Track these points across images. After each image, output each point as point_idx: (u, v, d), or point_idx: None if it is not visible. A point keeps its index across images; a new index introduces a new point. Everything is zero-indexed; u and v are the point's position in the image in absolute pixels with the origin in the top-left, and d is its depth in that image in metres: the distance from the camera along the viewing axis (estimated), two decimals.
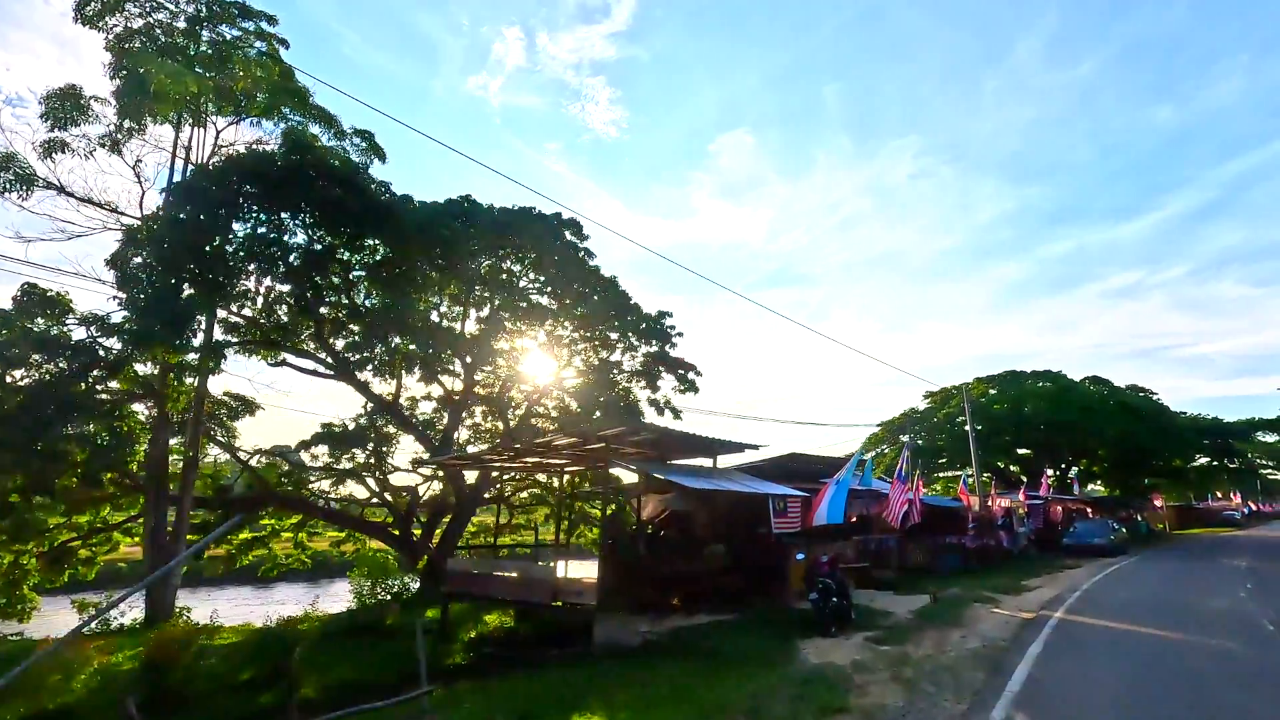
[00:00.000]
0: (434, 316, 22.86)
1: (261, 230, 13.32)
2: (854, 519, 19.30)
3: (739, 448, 13.90)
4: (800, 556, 12.17)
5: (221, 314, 16.99)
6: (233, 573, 26.54)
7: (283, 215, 13.48)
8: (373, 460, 23.68)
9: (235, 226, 13.40)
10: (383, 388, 20.93)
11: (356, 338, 17.19)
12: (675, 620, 11.50)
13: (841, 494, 12.21)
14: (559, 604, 11.39)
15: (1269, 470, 64.53)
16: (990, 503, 22.58)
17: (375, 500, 24.73)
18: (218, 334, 17.07)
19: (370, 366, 17.30)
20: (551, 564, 11.60)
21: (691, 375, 25.81)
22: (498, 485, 27.53)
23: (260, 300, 16.90)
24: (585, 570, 12.72)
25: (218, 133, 17.08)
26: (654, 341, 25.03)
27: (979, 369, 60.23)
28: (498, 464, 14.01)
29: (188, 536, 21.72)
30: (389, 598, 19.16)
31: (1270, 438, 55.86)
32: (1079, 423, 34.27)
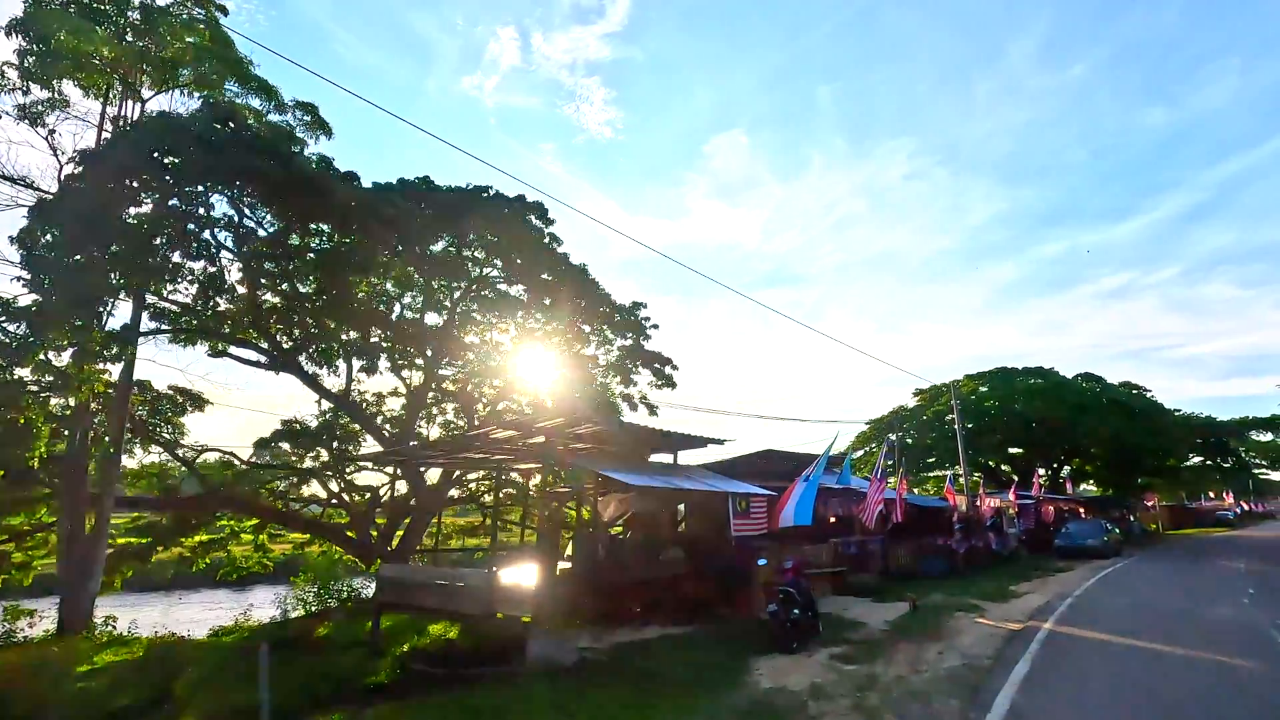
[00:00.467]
0: (396, 308, 21.70)
1: (173, 201, 12.07)
2: (832, 519, 18.18)
3: (701, 442, 12.72)
4: (762, 562, 11.02)
5: (152, 299, 15.79)
6: (217, 576, 25.33)
7: (198, 186, 12.23)
8: (331, 459, 22.46)
9: (146, 198, 12.14)
10: (334, 381, 19.73)
11: (295, 326, 15.96)
12: (623, 634, 10.32)
13: (810, 493, 11.05)
14: (500, 616, 10.22)
15: (1263, 470, 63.69)
16: (979, 503, 21.52)
17: (335, 501, 23.51)
18: (147, 322, 15.85)
19: (306, 355, 16.03)
20: (489, 570, 10.40)
21: (668, 370, 24.69)
22: (470, 485, 26.33)
23: (194, 285, 15.68)
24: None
25: (142, 104, 15.80)
26: (628, 334, 23.87)
27: (973, 370, 58.54)
28: (439, 460, 12.82)
29: (110, 541, 20.36)
30: (335, 604, 17.95)
31: (1265, 436, 55.12)
32: (1071, 420, 33.24)
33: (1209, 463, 53.97)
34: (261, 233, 15.73)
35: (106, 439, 18.23)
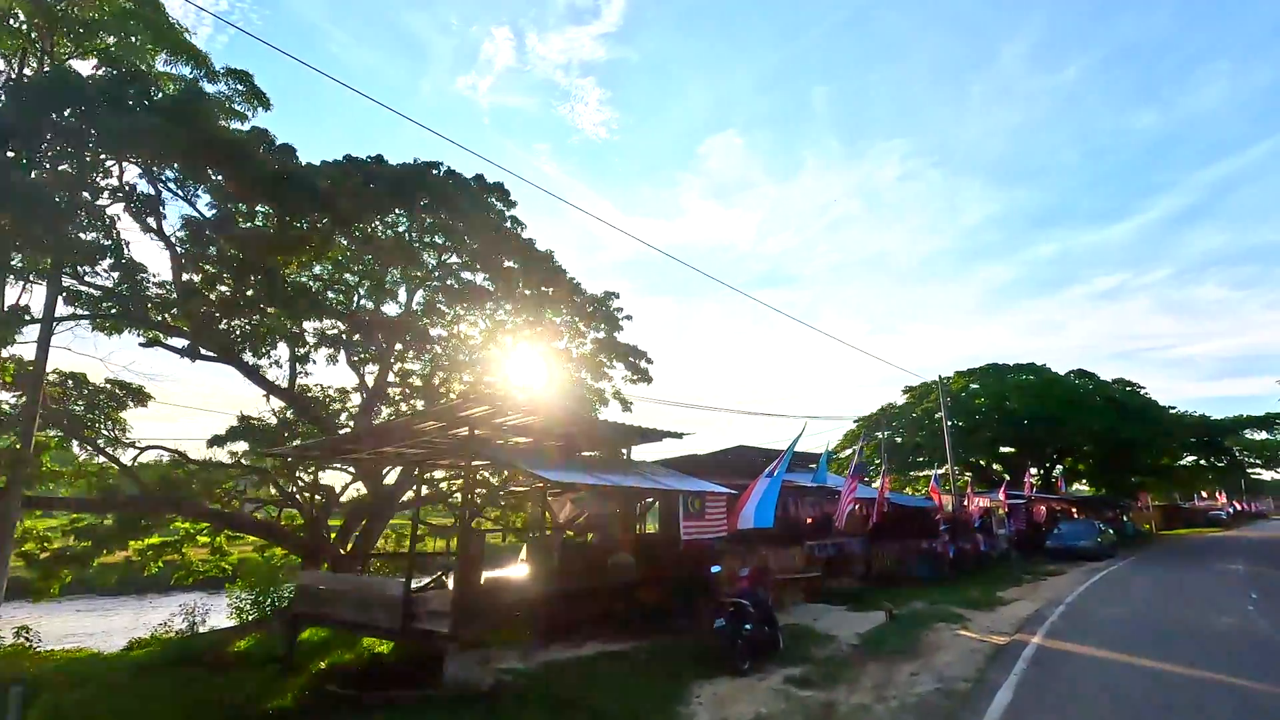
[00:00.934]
0: (355, 298, 20.48)
1: (64, 166, 10.80)
2: (809, 520, 17.04)
3: (657, 436, 11.54)
4: (716, 569, 9.85)
5: (70, 281, 14.51)
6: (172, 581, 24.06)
7: (97, 149, 10.97)
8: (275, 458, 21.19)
9: (38, 161, 10.86)
10: (280, 374, 18.49)
11: (220, 312, 14.71)
12: (557, 651, 9.14)
13: (773, 492, 9.82)
14: (425, 629, 9.02)
15: (1257, 469, 62.90)
16: (967, 502, 20.43)
17: (289, 503, 22.25)
18: (63, 306, 14.58)
19: (231, 343, 14.79)
20: (402, 578, 9.20)
21: (643, 363, 23.54)
22: (441, 484, 25.10)
23: (113, 265, 14.41)
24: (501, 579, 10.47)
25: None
26: (600, 326, 22.71)
27: (964, 367, 55.48)
28: (360, 455, 11.56)
29: (46, 545, 19.02)
30: (273, 613, 16.70)
31: (1259, 435, 54.38)
32: (1063, 416, 32.21)
33: (1203, 462, 53.20)
34: (186, 208, 14.52)
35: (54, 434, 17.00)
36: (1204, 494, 76.67)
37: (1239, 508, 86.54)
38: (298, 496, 22.08)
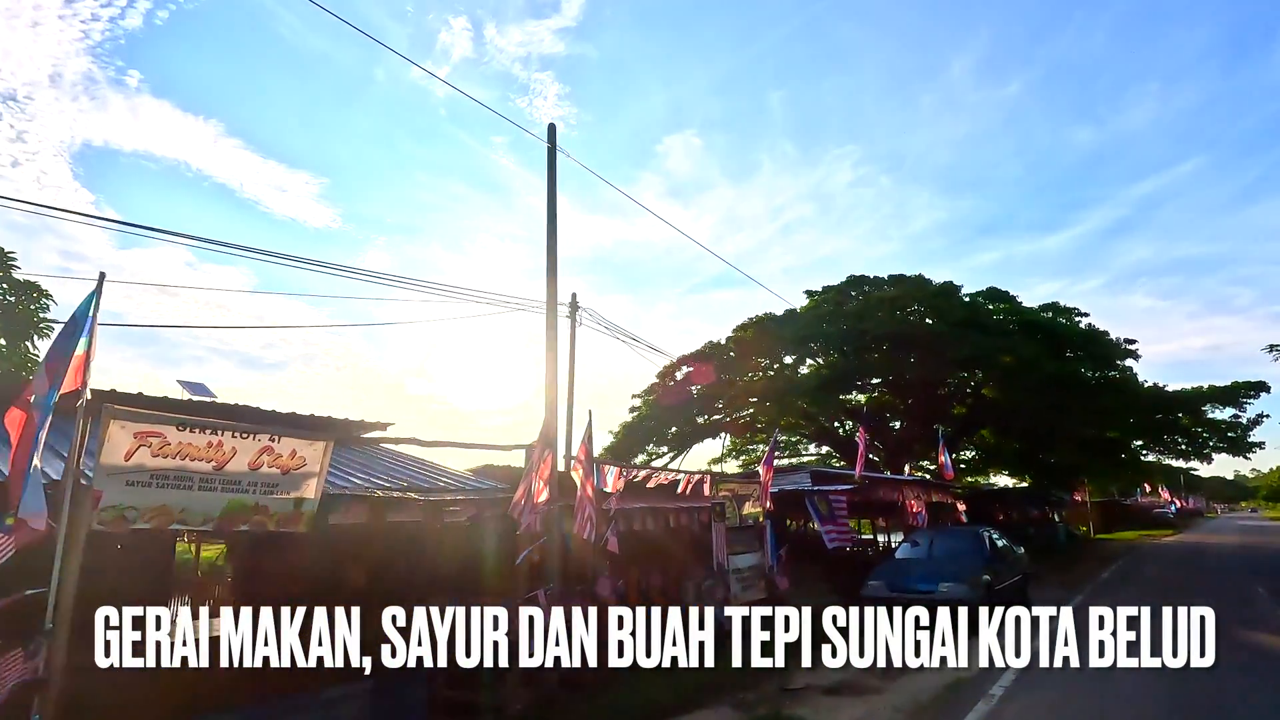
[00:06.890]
0: None
1: None
2: None
3: None
4: None
5: None
6: None
7: None
8: None
9: None
10: None
11: None
12: None
13: None
14: None
15: (1221, 451, 51.26)
16: (582, 488, 6.13)
17: None
18: None
19: None
20: None
21: None
22: None
23: None
24: None
25: None
26: None
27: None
28: None
29: None
30: None
31: (1221, 414, 42.58)
32: (955, 341, 18.48)
33: (1155, 447, 41.11)
34: None
35: None
36: (1149, 487, 65.65)
37: (1180, 505, 76.67)
38: None
